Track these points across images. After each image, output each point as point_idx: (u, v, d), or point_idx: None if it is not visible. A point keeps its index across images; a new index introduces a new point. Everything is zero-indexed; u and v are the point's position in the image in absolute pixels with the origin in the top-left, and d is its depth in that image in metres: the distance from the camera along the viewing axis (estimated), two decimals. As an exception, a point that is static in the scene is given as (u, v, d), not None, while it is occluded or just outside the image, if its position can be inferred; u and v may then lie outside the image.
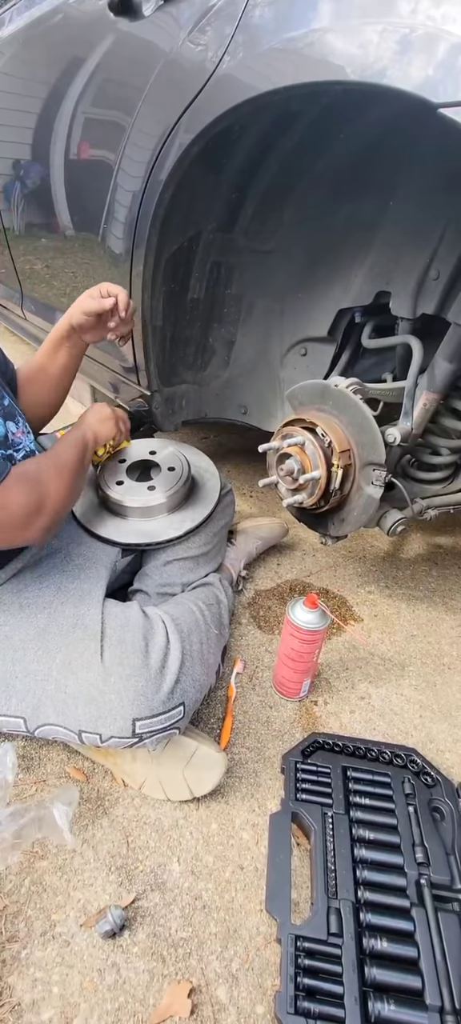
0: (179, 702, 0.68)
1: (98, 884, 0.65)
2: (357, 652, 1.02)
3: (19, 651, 0.68)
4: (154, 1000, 0.56)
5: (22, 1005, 0.55)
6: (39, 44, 1.24)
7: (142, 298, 0.99)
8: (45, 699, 0.67)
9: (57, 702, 0.66)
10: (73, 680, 0.66)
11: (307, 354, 1.12)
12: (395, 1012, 0.53)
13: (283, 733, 0.85)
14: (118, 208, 0.99)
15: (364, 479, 0.85)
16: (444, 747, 0.85)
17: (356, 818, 0.70)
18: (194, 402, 1.25)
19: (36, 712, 0.67)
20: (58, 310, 1.48)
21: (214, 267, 1.06)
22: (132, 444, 1.00)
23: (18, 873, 0.65)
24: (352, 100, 0.69)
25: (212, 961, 0.59)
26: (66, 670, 0.67)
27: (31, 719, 0.68)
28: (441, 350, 0.84)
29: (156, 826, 0.71)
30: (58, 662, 0.67)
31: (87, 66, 1.05)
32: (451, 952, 0.57)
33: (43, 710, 0.67)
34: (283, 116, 0.79)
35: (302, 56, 0.65)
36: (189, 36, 0.81)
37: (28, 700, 0.67)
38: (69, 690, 0.66)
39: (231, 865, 0.68)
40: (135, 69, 0.93)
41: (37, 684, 0.67)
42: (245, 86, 0.72)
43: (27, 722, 0.68)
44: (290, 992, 0.54)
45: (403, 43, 0.54)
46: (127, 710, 0.65)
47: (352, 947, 0.57)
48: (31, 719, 0.68)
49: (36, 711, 0.67)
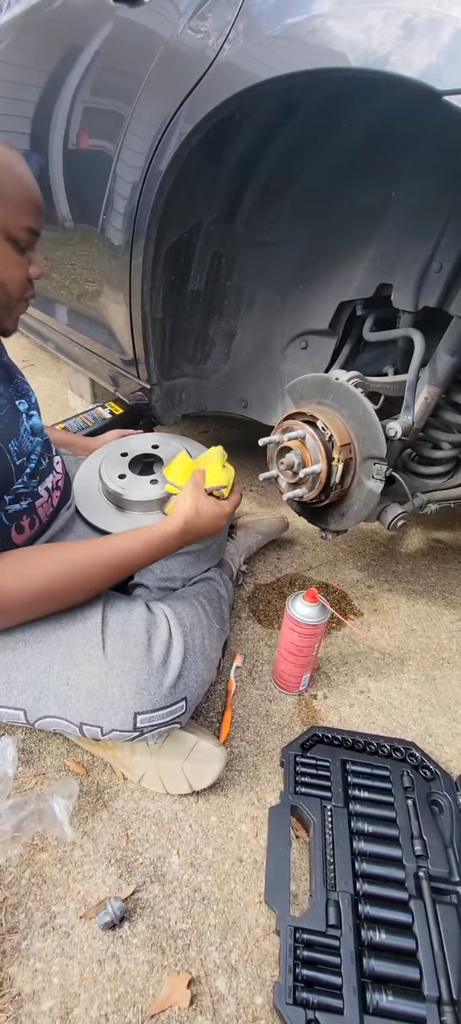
0: (181, 697, 0.68)
1: (98, 876, 0.65)
2: (357, 646, 1.02)
3: (20, 643, 0.67)
4: (154, 991, 0.56)
5: (22, 995, 0.55)
6: (37, 31, 1.22)
7: (142, 290, 0.98)
8: (46, 691, 0.67)
9: (59, 694, 0.66)
10: (75, 672, 0.66)
11: (308, 347, 1.12)
12: (393, 1003, 0.53)
13: (282, 727, 0.85)
14: (117, 199, 0.98)
15: (365, 473, 0.85)
16: (443, 741, 0.85)
17: (355, 811, 0.70)
18: (194, 395, 1.24)
19: (37, 704, 0.67)
20: (57, 302, 1.48)
21: (214, 259, 1.05)
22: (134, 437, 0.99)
23: (18, 865, 0.66)
24: (354, 88, 0.68)
25: (211, 952, 0.60)
26: (68, 662, 0.66)
27: (32, 711, 0.68)
28: (443, 343, 0.84)
29: (155, 819, 0.71)
30: (60, 654, 0.67)
31: (86, 54, 1.04)
32: (449, 944, 0.57)
33: (44, 702, 0.67)
34: (285, 105, 0.78)
35: (303, 43, 0.64)
36: (189, 23, 0.80)
37: (29, 692, 0.67)
38: (71, 682, 0.66)
39: (230, 857, 0.68)
40: (134, 56, 0.92)
41: (38, 676, 0.67)
42: (246, 74, 0.71)
43: (27, 714, 0.68)
44: (289, 983, 0.54)
45: (407, 28, 0.53)
46: (129, 703, 0.65)
47: (351, 939, 0.58)
48: (32, 711, 0.68)
49: (37, 703, 0.67)
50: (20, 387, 0.75)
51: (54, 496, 0.79)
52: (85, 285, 1.25)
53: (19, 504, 0.70)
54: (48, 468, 0.77)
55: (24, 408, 0.73)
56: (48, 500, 0.77)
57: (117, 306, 1.09)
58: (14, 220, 0.62)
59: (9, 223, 0.61)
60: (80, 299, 1.32)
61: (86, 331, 1.33)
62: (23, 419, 0.72)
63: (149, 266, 0.95)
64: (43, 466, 0.76)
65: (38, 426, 0.76)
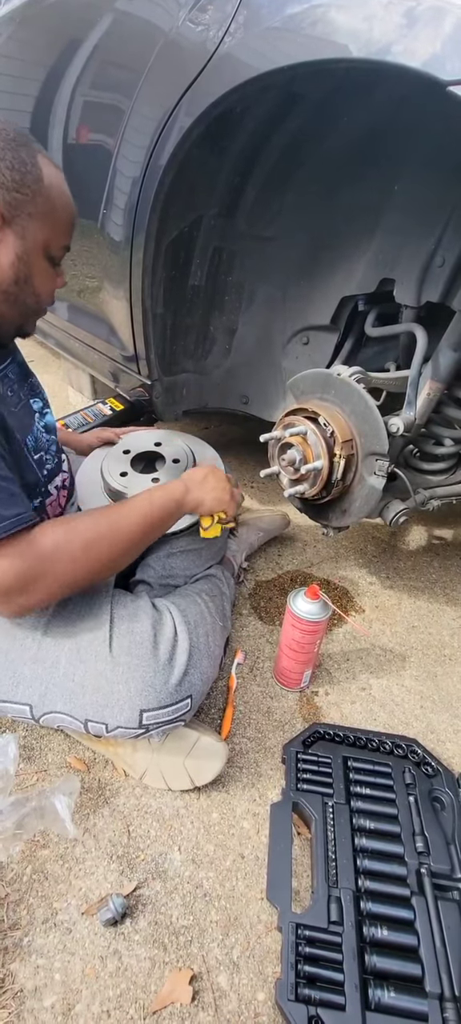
0: (187, 695, 0.68)
1: (99, 873, 0.65)
2: (358, 643, 1.01)
3: (28, 639, 0.67)
4: (155, 987, 0.56)
5: (24, 992, 0.56)
6: (36, 24, 1.21)
7: (142, 285, 0.98)
8: (53, 687, 0.67)
9: (64, 690, 0.66)
10: (81, 668, 0.66)
11: (309, 343, 1.11)
12: (395, 999, 0.53)
13: (284, 723, 0.85)
14: (117, 194, 0.97)
15: (366, 469, 0.85)
16: (445, 737, 0.85)
17: (357, 808, 0.70)
18: (195, 391, 1.24)
19: (43, 699, 0.67)
20: (57, 298, 1.47)
21: (215, 253, 1.04)
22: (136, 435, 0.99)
23: (20, 862, 0.66)
24: (357, 79, 0.68)
25: (213, 949, 0.60)
26: (75, 658, 0.67)
27: (37, 706, 0.68)
28: (446, 338, 0.83)
29: (157, 815, 0.71)
30: (67, 650, 0.67)
31: (85, 47, 1.03)
32: (451, 940, 0.57)
33: (50, 697, 0.67)
34: (286, 97, 0.77)
35: (304, 34, 0.63)
36: (189, 15, 0.80)
37: (35, 687, 0.67)
38: (77, 678, 0.66)
39: (232, 854, 0.68)
40: (134, 49, 0.91)
41: (45, 671, 0.67)
42: (247, 66, 0.70)
43: (33, 709, 0.68)
44: (291, 979, 0.54)
45: (410, 17, 0.52)
46: (134, 700, 0.65)
47: (352, 935, 0.58)
48: (37, 706, 0.68)
49: (43, 699, 0.67)
50: (34, 387, 0.76)
51: (62, 495, 0.79)
52: (85, 281, 1.25)
53: (33, 503, 0.70)
54: (58, 466, 0.78)
55: (38, 407, 0.74)
56: (57, 499, 0.77)
57: (117, 302, 1.08)
58: (57, 240, 0.63)
59: (52, 242, 0.62)
60: (80, 295, 1.32)
61: (86, 327, 1.33)
62: (37, 418, 0.73)
63: (150, 261, 0.95)
64: (54, 464, 0.76)
65: (52, 424, 0.77)
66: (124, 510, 0.68)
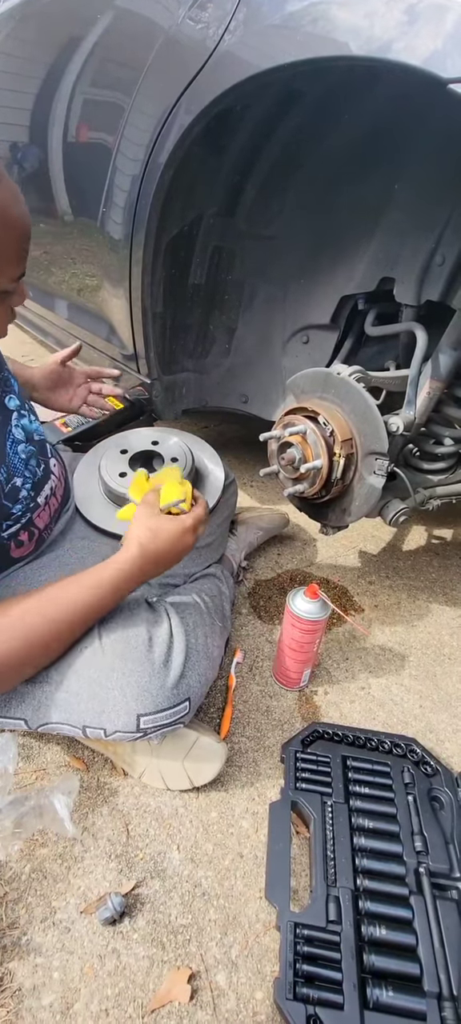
0: (185, 697, 0.66)
1: (98, 871, 0.65)
2: (357, 642, 1.01)
3: None
4: (154, 986, 0.56)
5: (23, 990, 0.56)
6: (36, 21, 1.21)
7: (142, 284, 0.97)
8: (45, 700, 0.65)
9: (58, 701, 0.64)
10: (74, 678, 0.64)
11: (309, 342, 1.11)
12: (393, 998, 0.53)
13: (283, 723, 0.85)
14: (117, 192, 0.97)
15: (366, 468, 0.85)
16: (444, 737, 0.85)
17: (355, 807, 0.70)
18: (194, 390, 1.24)
19: (37, 713, 0.66)
20: (57, 297, 1.47)
21: (215, 252, 1.04)
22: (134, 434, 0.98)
23: (19, 861, 0.66)
24: (357, 77, 0.68)
25: (212, 947, 0.60)
26: (65, 668, 0.64)
27: (32, 719, 0.66)
28: (446, 337, 0.83)
29: (156, 814, 0.71)
30: (56, 663, 0.65)
31: (85, 44, 1.03)
32: (449, 939, 0.57)
33: (44, 711, 0.65)
34: (286, 95, 0.77)
35: (305, 31, 0.63)
36: (189, 12, 0.79)
37: (28, 702, 0.65)
38: (70, 688, 0.64)
39: (231, 853, 0.68)
40: (134, 47, 0.91)
41: (35, 687, 0.65)
42: (247, 64, 0.70)
43: (28, 722, 0.67)
44: (289, 978, 0.54)
45: (411, 14, 0.52)
46: (131, 705, 0.63)
47: (351, 934, 0.58)
48: (32, 719, 0.66)
49: (36, 712, 0.65)
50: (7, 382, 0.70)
51: (51, 504, 0.76)
52: (85, 279, 1.25)
53: (17, 524, 0.68)
54: (45, 476, 0.74)
55: (14, 405, 0.69)
56: (45, 508, 0.74)
57: (117, 300, 1.08)
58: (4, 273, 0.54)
59: None
60: (80, 293, 1.32)
61: (86, 326, 1.33)
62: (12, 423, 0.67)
63: (149, 260, 0.95)
64: (38, 476, 0.72)
65: (30, 429, 0.72)
66: (70, 594, 0.62)
